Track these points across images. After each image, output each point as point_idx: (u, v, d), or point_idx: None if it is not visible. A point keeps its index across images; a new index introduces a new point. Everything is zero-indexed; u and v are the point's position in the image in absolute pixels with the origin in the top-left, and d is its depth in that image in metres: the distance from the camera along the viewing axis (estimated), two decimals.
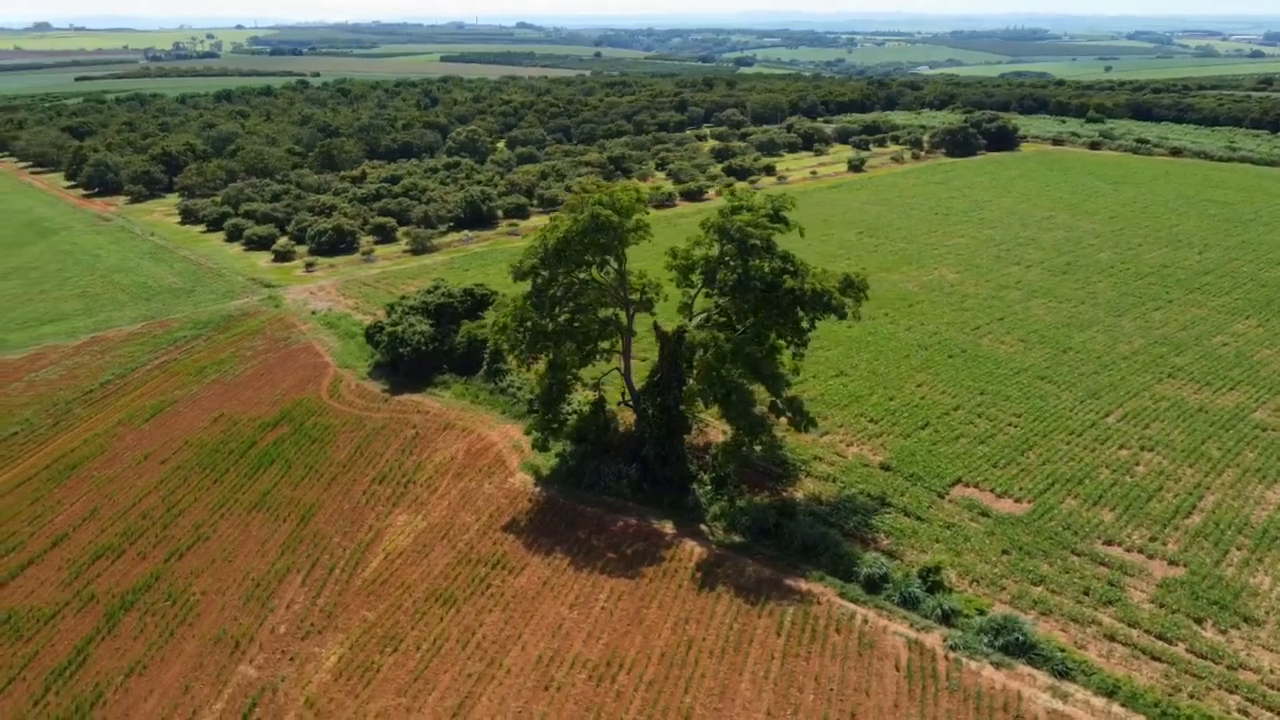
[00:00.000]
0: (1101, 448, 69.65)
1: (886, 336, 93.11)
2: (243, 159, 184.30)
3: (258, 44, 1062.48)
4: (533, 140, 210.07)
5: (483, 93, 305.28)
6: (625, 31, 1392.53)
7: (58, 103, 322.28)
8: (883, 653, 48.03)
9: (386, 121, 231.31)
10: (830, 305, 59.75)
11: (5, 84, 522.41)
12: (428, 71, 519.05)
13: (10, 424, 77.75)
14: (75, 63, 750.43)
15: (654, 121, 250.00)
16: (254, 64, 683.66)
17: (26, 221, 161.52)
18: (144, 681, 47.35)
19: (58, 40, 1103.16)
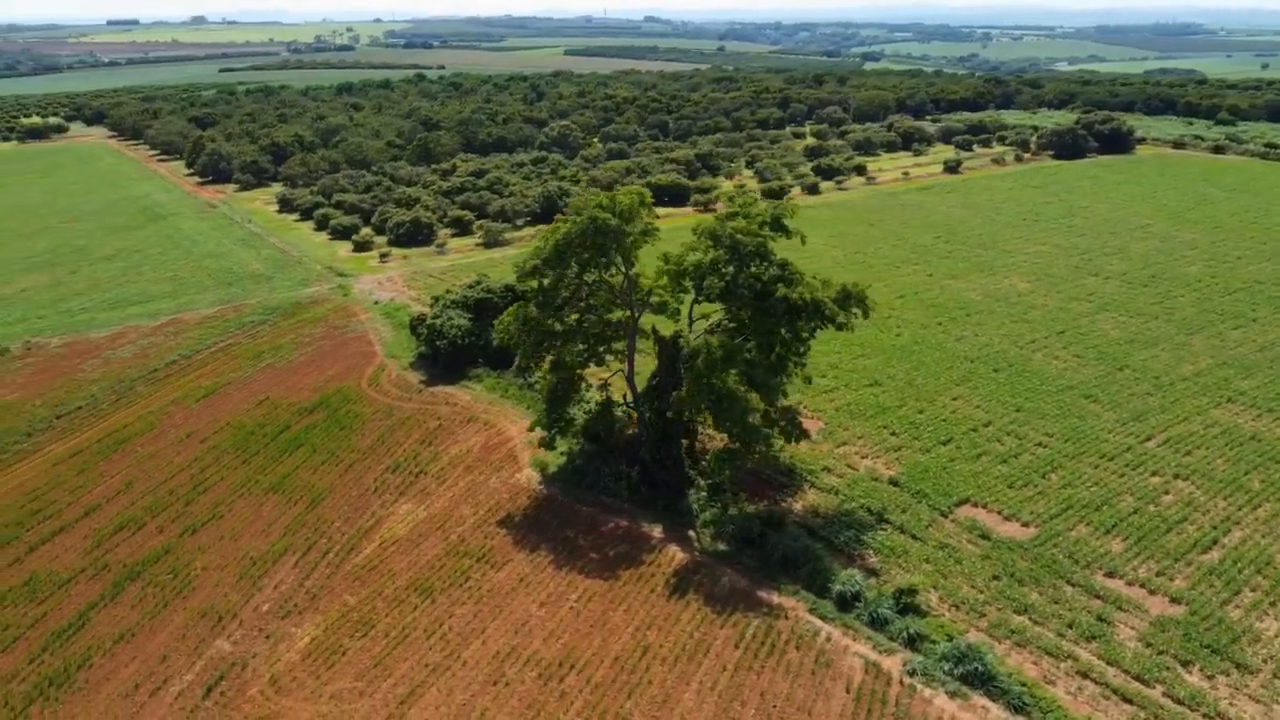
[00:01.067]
0: (1132, 473, 66.36)
1: (934, 346, 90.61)
2: (343, 150, 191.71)
3: (393, 37, 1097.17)
4: (625, 136, 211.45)
5: (588, 87, 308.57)
6: (753, 25, 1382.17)
7: (193, 93, 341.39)
8: (837, 673, 47.20)
9: (487, 116, 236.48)
10: (824, 315, 58.65)
11: (158, 75, 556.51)
12: (550, 65, 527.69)
13: (77, 398, 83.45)
14: (224, 55, 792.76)
15: (753, 119, 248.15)
16: (385, 56, 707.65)
17: (142, 207, 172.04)
18: (130, 648, 50.50)
19: (211, 34, 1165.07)
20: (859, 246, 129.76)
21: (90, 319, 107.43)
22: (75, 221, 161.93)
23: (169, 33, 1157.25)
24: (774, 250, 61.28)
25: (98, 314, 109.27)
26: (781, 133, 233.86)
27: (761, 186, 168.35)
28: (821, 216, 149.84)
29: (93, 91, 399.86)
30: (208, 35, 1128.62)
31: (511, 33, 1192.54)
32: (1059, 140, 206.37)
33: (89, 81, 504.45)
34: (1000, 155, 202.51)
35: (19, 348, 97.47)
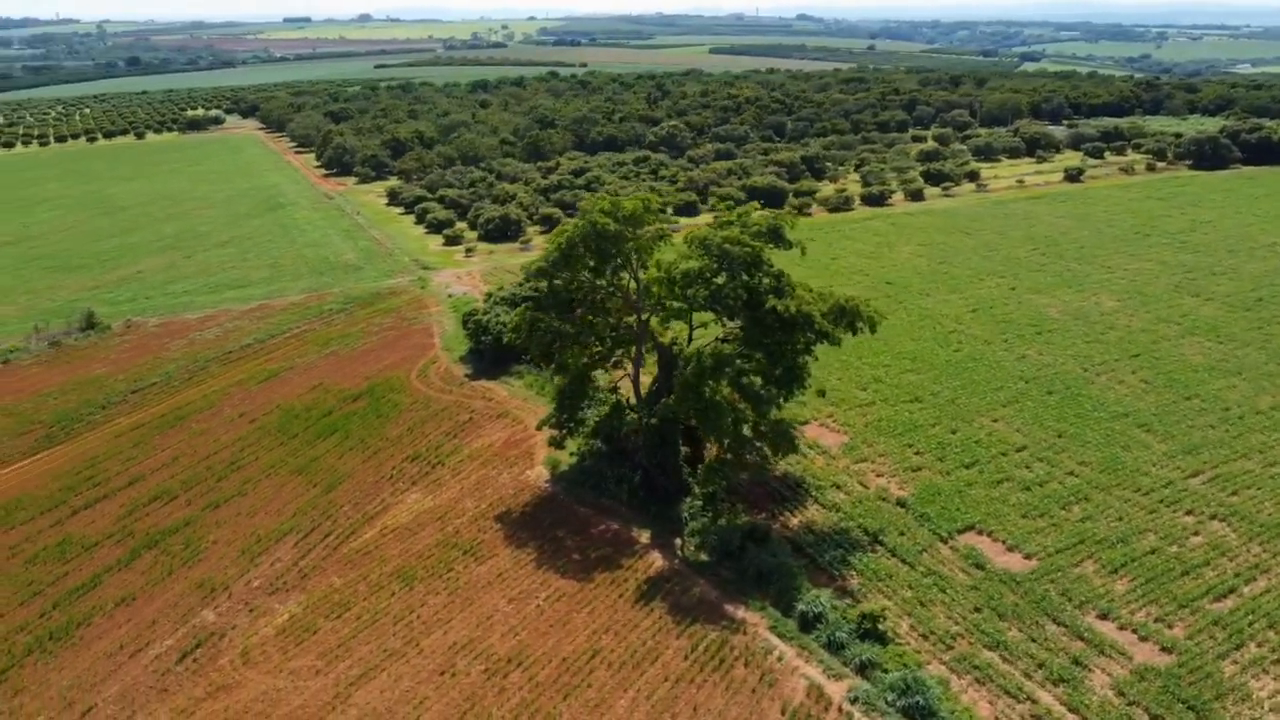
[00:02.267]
0: (1164, 510, 62.39)
1: (990, 364, 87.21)
2: (457, 146, 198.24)
3: (545, 35, 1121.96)
4: (734, 137, 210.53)
5: (712, 87, 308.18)
6: (908, 23, 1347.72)
7: (337, 89, 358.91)
8: (778, 693, 46.49)
9: (604, 114, 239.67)
10: (813, 329, 57.50)
11: (319, 70, 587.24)
12: (691, 64, 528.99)
13: (154, 375, 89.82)
14: (382, 51, 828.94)
15: (874, 121, 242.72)
16: (532, 54, 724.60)
17: (266, 196, 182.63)
18: (127, 611, 54.39)
19: (375, 31, 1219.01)
20: (946, 256, 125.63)
21: (190, 301, 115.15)
22: (206, 208, 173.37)
23: (337, 30, 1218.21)
24: (768, 260, 60.13)
25: (198, 296, 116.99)
26: (900, 136, 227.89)
27: (862, 191, 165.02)
28: (917, 223, 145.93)
29: (254, 86, 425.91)
30: (372, 32, 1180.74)
31: (661, 30, 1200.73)
32: (1198, 149, 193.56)
33: (257, 76, 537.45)
34: (1129, 164, 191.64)
35: (120, 326, 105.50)
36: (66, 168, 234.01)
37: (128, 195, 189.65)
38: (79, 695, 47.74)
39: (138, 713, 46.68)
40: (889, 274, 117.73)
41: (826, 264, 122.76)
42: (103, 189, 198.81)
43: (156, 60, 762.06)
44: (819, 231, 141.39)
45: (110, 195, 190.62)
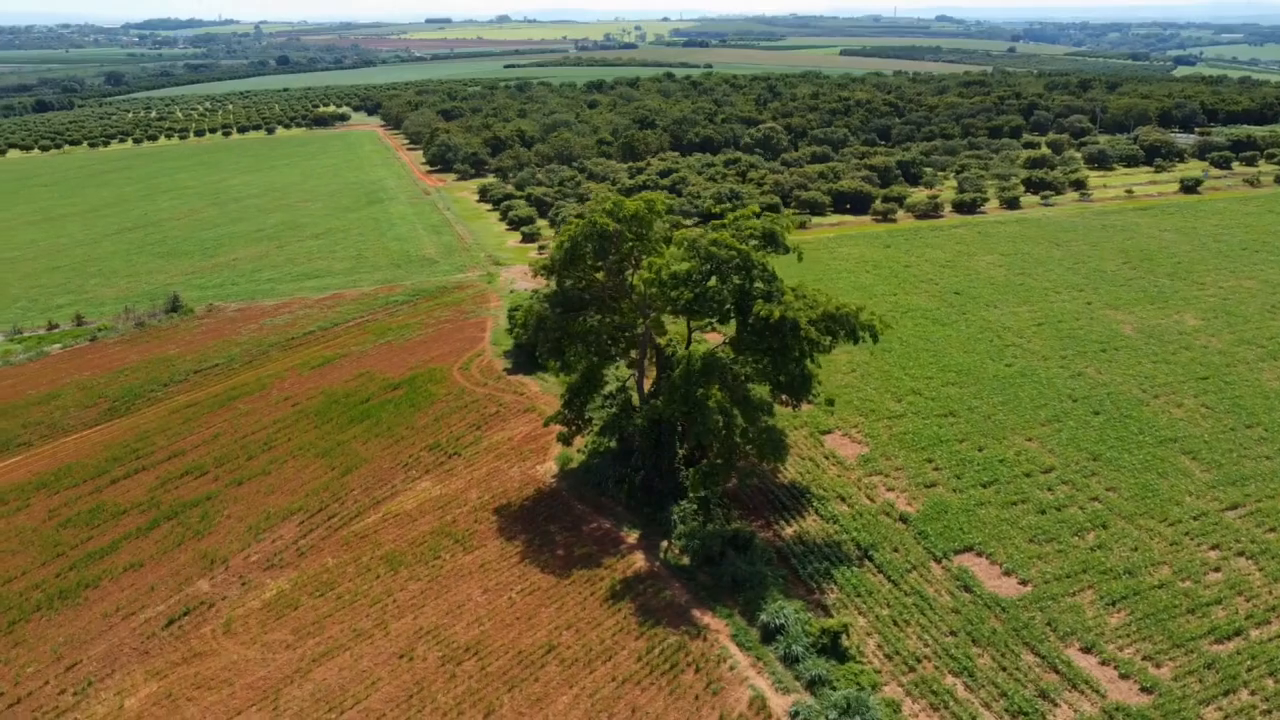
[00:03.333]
0: (1188, 543, 58.73)
1: (1040, 381, 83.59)
2: (553, 145, 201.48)
3: (676, 35, 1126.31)
4: (832, 140, 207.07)
5: (824, 89, 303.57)
6: (1055, 24, 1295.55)
7: (458, 87, 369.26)
8: (721, 702, 45.98)
9: (705, 115, 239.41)
10: (799, 336, 56.35)
11: (452, 69, 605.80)
12: (821, 65, 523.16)
13: (217, 357, 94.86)
14: (515, 51, 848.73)
15: (986, 126, 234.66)
16: (660, 55, 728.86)
17: (369, 190, 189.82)
18: (133, 576, 57.83)
19: (512, 31, 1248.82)
20: (1028, 268, 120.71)
21: (272, 289, 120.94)
22: (309, 201, 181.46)
23: (476, 30, 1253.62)
24: (761, 264, 59.14)
25: (280, 284, 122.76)
26: (1011, 142, 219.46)
27: (955, 198, 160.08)
28: (1006, 232, 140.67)
29: (384, 85, 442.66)
30: (509, 33, 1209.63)
31: (793, 31, 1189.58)
32: None
33: (392, 75, 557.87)
34: (1255, 176, 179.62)
35: (202, 310, 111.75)
36: (198, 160, 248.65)
37: (244, 187, 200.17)
38: (69, 651, 51.13)
39: (117, 671, 49.69)
40: (960, 284, 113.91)
41: (897, 271, 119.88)
42: (224, 180, 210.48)
43: (304, 59, 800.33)
44: (898, 238, 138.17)
45: (228, 186, 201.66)
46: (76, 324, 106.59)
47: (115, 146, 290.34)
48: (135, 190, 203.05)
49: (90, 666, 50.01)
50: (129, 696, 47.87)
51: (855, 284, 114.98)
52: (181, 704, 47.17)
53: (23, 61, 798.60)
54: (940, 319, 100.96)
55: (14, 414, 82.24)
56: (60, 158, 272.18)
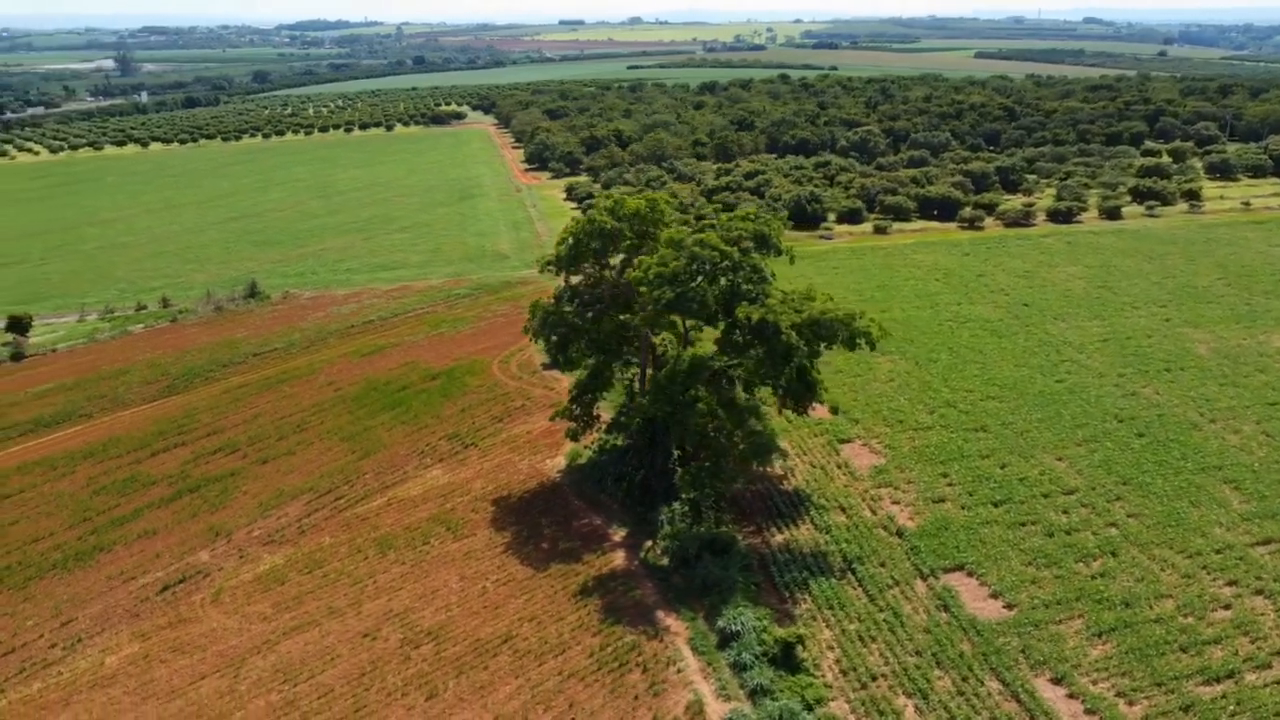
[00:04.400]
0: (1203, 576, 55.11)
1: (1089, 399, 79.68)
2: (646, 145, 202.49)
3: (807, 37, 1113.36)
4: (932, 144, 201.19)
5: (938, 92, 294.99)
6: (1215, 27, 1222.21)
7: (570, 87, 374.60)
8: (659, 704, 45.67)
9: (807, 118, 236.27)
10: (779, 339, 55.21)
11: (578, 70, 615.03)
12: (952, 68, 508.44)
13: (278, 341, 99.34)
14: (643, 53, 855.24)
15: (1103, 132, 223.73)
16: (786, 56, 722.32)
17: (464, 187, 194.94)
18: (144, 544, 61.26)
19: (643, 33, 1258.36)
20: (1111, 280, 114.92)
21: (348, 279, 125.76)
22: (406, 196, 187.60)
23: (607, 32, 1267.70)
24: (747, 265, 58.14)
25: (356, 275, 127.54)
26: (1128, 149, 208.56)
27: (1050, 205, 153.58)
28: (1097, 243, 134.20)
29: (506, 84, 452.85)
30: (640, 35, 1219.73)
31: (929, 34, 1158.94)
32: None
33: (520, 75, 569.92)
34: None
35: (278, 297, 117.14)
36: (316, 155, 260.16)
37: (350, 181, 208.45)
38: (68, 609, 54.61)
39: (106, 630, 52.84)
40: (1033, 295, 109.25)
41: (969, 280, 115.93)
42: (334, 174, 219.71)
43: (439, 59, 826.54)
44: (980, 246, 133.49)
45: (335, 180, 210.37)
46: (163, 306, 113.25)
47: (246, 141, 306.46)
48: (251, 182, 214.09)
49: (83, 624, 53.30)
50: (111, 654, 50.84)
51: (920, 291, 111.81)
52: (154, 665, 49.81)
53: (183, 61, 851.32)
54: (1000, 330, 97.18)
55: (85, 387, 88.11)
56: (195, 150, 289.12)
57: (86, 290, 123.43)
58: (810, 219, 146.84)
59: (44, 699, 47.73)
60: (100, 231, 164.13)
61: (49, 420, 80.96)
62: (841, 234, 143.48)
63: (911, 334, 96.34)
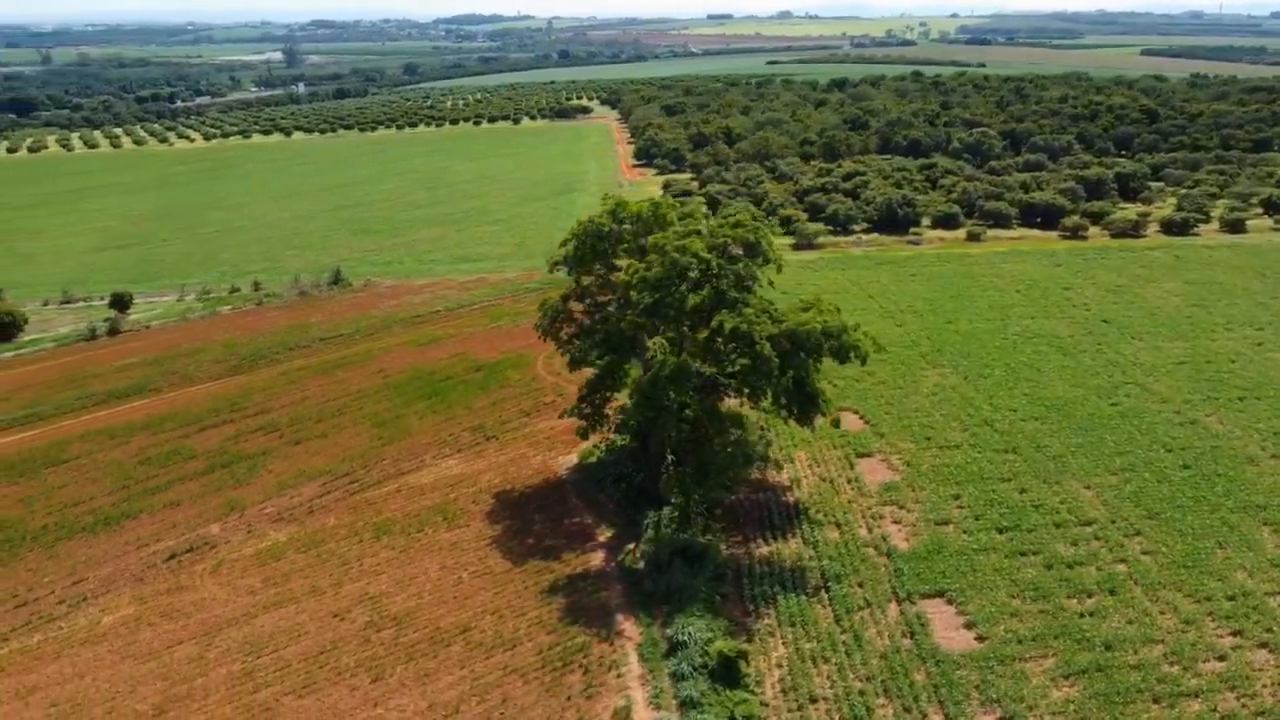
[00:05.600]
0: (1207, 623, 51.43)
1: (1141, 425, 75.20)
2: (752, 143, 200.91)
3: (962, 32, 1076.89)
4: (1052, 148, 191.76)
5: (1076, 92, 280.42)
6: None
7: (699, 82, 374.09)
8: (587, 708, 45.94)
9: (926, 118, 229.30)
10: (752, 349, 54.27)
11: (716, 65, 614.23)
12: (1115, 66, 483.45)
13: (345, 328, 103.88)
14: (788, 48, 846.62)
15: (1250, 138, 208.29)
16: (935, 52, 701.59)
17: (567, 181, 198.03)
18: (167, 514, 65.41)
19: (790, 27, 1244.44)
20: (1210, 299, 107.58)
21: (430, 269, 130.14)
22: (508, 189, 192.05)
23: (755, 26, 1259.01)
24: (732, 273, 57.27)
25: (438, 265, 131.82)
26: (1273, 156, 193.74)
27: (1165, 216, 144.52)
28: (1208, 258, 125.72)
29: (639, 79, 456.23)
30: (788, 29, 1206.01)
31: (1095, 29, 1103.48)
32: None
33: (657, 70, 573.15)
34: None
35: (359, 284, 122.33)
36: (439, 147, 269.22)
37: (462, 173, 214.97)
38: (82, 569, 59.01)
39: (111, 592, 56.86)
40: (1116, 312, 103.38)
41: (1051, 293, 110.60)
42: (448, 166, 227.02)
43: (584, 54, 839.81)
44: (1075, 258, 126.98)
45: (449, 172, 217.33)
46: (254, 289, 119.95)
47: (380, 132, 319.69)
48: (370, 172, 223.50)
49: (92, 585, 57.51)
50: (109, 614, 54.75)
51: (994, 303, 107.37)
52: (143, 628, 53.38)
53: (344, 53, 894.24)
54: (1067, 348, 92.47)
55: (162, 363, 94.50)
56: (331, 140, 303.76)
57: (192, 271, 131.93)
58: (900, 223, 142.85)
59: (40, 650, 51.86)
60: (221, 215, 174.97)
61: (122, 392, 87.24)
62: (931, 239, 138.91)
63: (970, 347, 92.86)
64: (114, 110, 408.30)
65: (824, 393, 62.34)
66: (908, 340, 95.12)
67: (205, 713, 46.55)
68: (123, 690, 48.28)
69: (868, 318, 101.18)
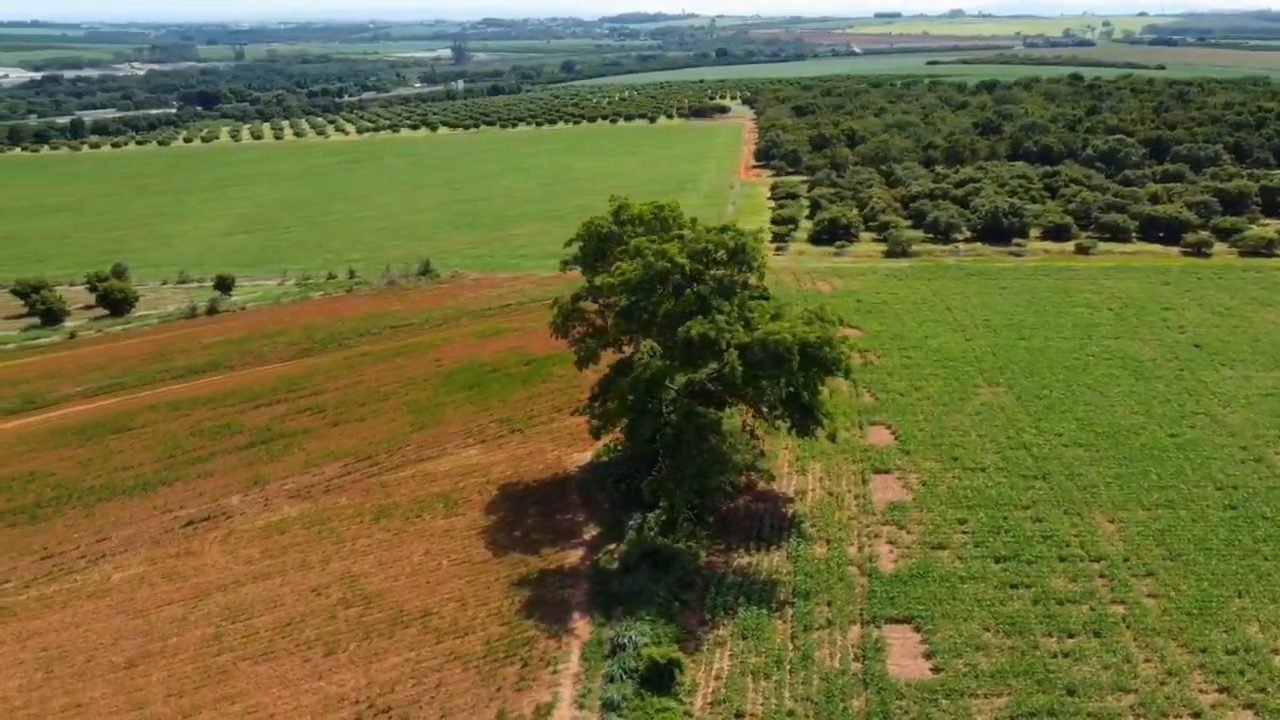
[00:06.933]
0: (1192, 677, 47.56)
1: (1197, 460, 69.92)
2: (871, 146, 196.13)
3: (1148, 32, 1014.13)
4: (1198, 157, 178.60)
5: (1245, 98, 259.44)
6: None
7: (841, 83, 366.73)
8: (513, 700, 46.53)
9: (1066, 123, 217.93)
10: (720, 357, 53.43)
11: (873, 64, 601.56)
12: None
13: (416, 317, 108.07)
14: (955, 47, 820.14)
15: None
16: (1113, 53, 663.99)
17: (681, 180, 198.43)
18: (199, 483, 69.85)
19: (961, 26, 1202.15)
20: None
21: (518, 264, 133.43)
22: (623, 187, 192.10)
23: (924, 25, 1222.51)
24: (714, 280, 56.52)
25: (527, 260, 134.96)
26: None
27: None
28: None
29: (790, 79, 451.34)
30: (958, 28, 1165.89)
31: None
32: None
33: (813, 69, 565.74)
34: None
35: (447, 276, 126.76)
36: (569, 144, 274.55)
37: (581, 171, 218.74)
38: (107, 529, 63.95)
39: (127, 552, 61.42)
40: (1213, 336, 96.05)
41: (1147, 313, 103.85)
42: (571, 164, 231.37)
43: (742, 52, 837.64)
44: (1188, 277, 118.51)
45: (569, 170, 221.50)
46: (349, 276, 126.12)
47: (520, 129, 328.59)
48: (495, 167, 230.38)
49: (113, 544, 62.27)
50: (119, 572, 59.22)
51: (1081, 321, 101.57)
52: (144, 587, 57.50)
53: (510, 51, 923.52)
54: (1142, 372, 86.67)
55: (243, 343, 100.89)
56: (472, 136, 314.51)
57: (302, 258, 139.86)
58: (1004, 233, 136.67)
59: (52, 599, 56.68)
60: (344, 206, 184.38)
61: (199, 368, 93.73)
62: (1036, 251, 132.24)
63: (1036, 366, 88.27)
64: (285, 104, 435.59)
65: (823, 405, 60.93)
66: (970, 356, 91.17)
67: (169, 669, 49.83)
68: (106, 642, 52.24)
69: (936, 330, 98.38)
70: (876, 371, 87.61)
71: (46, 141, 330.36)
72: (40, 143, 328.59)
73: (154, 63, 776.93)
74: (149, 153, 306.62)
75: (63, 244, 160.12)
